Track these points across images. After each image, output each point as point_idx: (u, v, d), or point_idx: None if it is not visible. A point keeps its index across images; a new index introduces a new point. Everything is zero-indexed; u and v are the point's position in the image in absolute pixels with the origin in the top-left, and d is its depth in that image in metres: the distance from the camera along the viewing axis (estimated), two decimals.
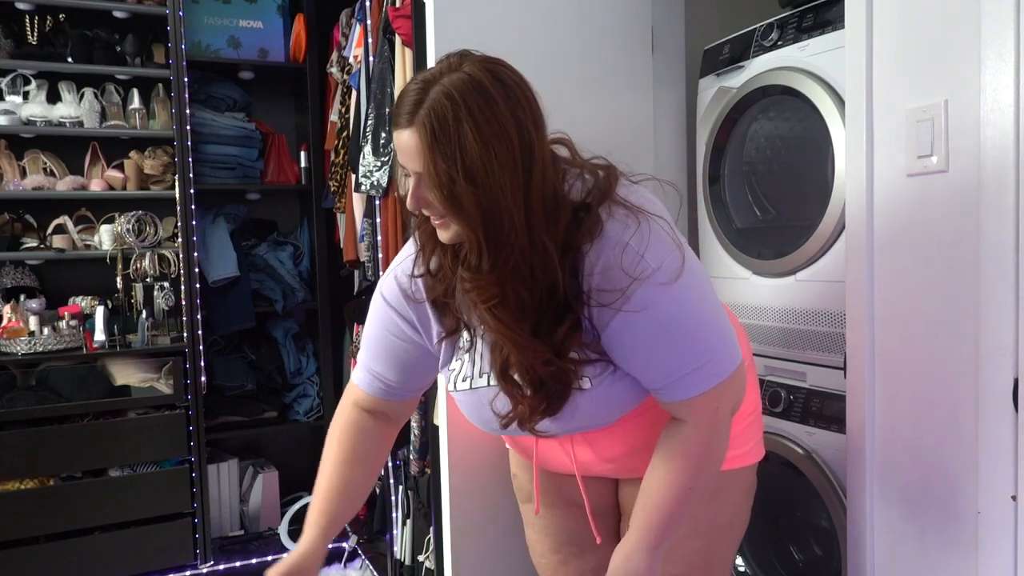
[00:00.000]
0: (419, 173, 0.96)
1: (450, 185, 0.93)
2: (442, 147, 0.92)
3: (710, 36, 2.03)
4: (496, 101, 0.93)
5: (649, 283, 0.98)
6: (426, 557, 2.20)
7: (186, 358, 2.70)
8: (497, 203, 0.93)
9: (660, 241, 1.00)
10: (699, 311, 1.04)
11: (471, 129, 0.92)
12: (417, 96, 0.94)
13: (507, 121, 0.93)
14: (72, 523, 2.54)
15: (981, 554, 1.18)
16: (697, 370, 1.03)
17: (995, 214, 1.13)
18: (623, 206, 1.00)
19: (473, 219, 0.94)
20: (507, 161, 0.93)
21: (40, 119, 2.66)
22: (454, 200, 0.94)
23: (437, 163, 0.93)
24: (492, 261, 0.96)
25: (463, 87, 0.93)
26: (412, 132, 0.94)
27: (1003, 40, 1.11)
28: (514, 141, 0.94)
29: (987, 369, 1.15)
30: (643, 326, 1.00)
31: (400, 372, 1.20)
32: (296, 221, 3.32)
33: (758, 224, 1.87)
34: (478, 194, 0.93)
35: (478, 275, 0.98)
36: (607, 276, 0.99)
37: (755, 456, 1.30)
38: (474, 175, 0.92)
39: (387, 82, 2.26)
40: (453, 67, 0.96)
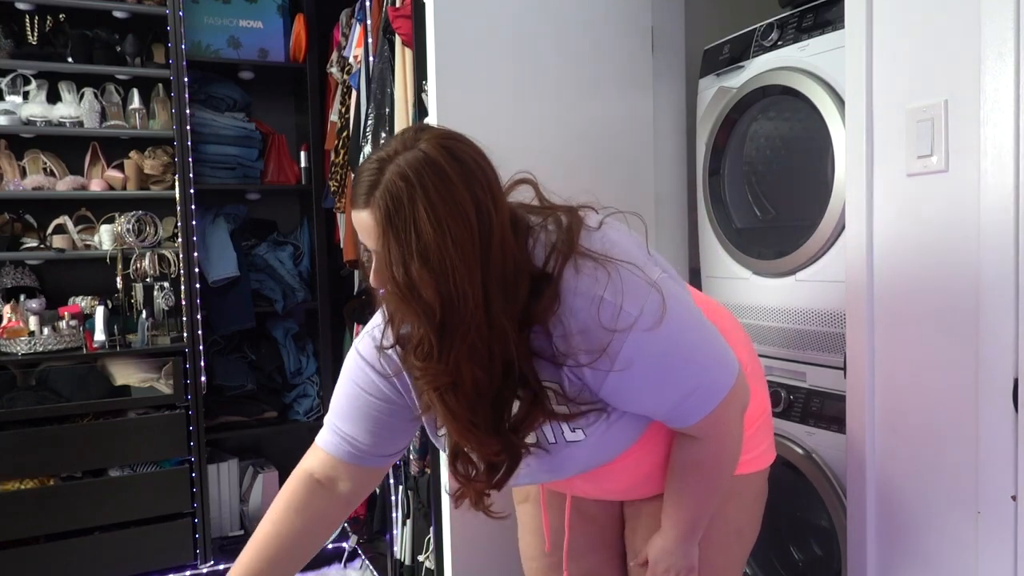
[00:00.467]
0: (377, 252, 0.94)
1: (403, 269, 0.90)
2: (396, 229, 0.90)
3: (710, 36, 2.03)
4: (452, 180, 0.91)
5: (634, 332, 0.96)
6: (426, 557, 2.20)
7: (186, 358, 2.70)
8: (452, 287, 0.90)
9: (635, 287, 0.97)
10: (689, 340, 1.02)
11: (426, 211, 0.89)
12: (373, 176, 0.92)
13: (464, 200, 0.91)
14: (72, 523, 2.54)
15: (981, 554, 1.18)
16: (697, 397, 1.03)
17: (995, 214, 1.13)
18: (590, 258, 0.97)
19: (428, 304, 0.91)
20: (464, 241, 0.90)
21: (40, 119, 2.66)
22: (408, 284, 0.91)
23: (391, 247, 0.90)
24: (443, 347, 0.93)
25: (418, 166, 0.90)
26: (368, 213, 0.92)
27: (1003, 40, 1.11)
28: (472, 220, 0.91)
29: (987, 369, 1.15)
30: (639, 373, 0.98)
31: (373, 434, 1.14)
32: (296, 221, 3.32)
33: (758, 224, 1.87)
34: (433, 277, 0.90)
35: (428, 363, 0.95)
36: (588, 336, 0.96)
37: (765, 461, 1.27)
38: (428, 258, 0.89)
39: (387, 82, 2.26)
40: (408, 144, 0.93)
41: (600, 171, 1.99)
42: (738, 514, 1.25)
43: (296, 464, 1.20)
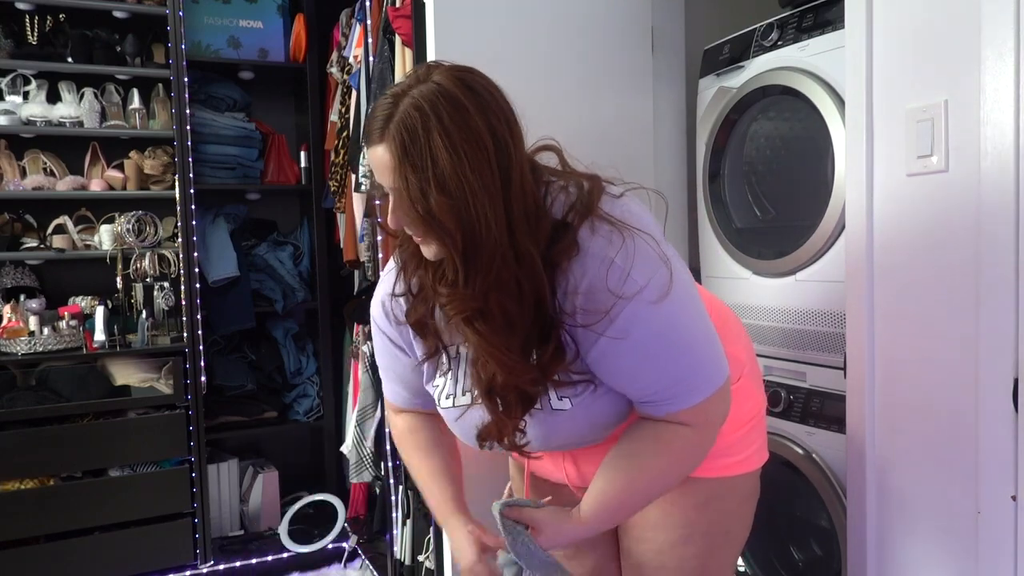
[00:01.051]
0: (394, 188, 0.95)
1: (423, 199, 0.91)
2: (412, 159, 0.91)
3: (710, 36, 2.03)
4: (467, 109, 0.92)
5: (636, 301, 0.96)
6: (426, 557, 2.20)
7: (186, 358, 2.70)
8: (473, 212, 0.91)
9: (646, 258, 0.97)
10: (687, 327, 1.02)
11: (441, 138, 0.90)
12: (387, 110, 0.93)
13: (480, 128, 0.92)
14: (72, 523, 2.54)
15: (981, 554, 1.18)
16: (683, 387, 1.02)
17: (995, 214, 1.13)
18: (607, 221, 0.98)
19: (449, 232, 0.92)
20: (482, 168, 0.91)
21: (40, 119, 2.66)
22: (428, 213, 0.92)
23: (408, 177, 0.91)
24: (469, 274, 0.94)
25: (432, 97, 0.92)
26: (384, 147, 0.93)
27: (1003, 40, 1.11)
28: (489, 148, 0.92)
29: (987, 369, 1.15)
30: (631, 345, 0.98)
31: (411, 390, 1.23)
32: (296, 221, 3.32)
33: (758, 224, 1.87)
34: (452, 204, 0.91)
35: (454, 289, 0.96)
36: (592, 296, 0.96)
37: (756, 462, 1.26)
38: (446, 185, 0.90)
39: (387, 82, 2.26)
40: (421, 78, 0.94)
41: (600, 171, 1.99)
42: (727, 516, 1.24)
43: (296, 464, 1.22)
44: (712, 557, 1.24)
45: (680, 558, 1.22)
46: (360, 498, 2.92)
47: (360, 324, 2.74)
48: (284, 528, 2.87)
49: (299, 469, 3.27)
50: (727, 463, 1.21)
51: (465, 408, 1.11)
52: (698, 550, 1.22)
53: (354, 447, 2.64)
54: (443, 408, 1.15)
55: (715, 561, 1.25)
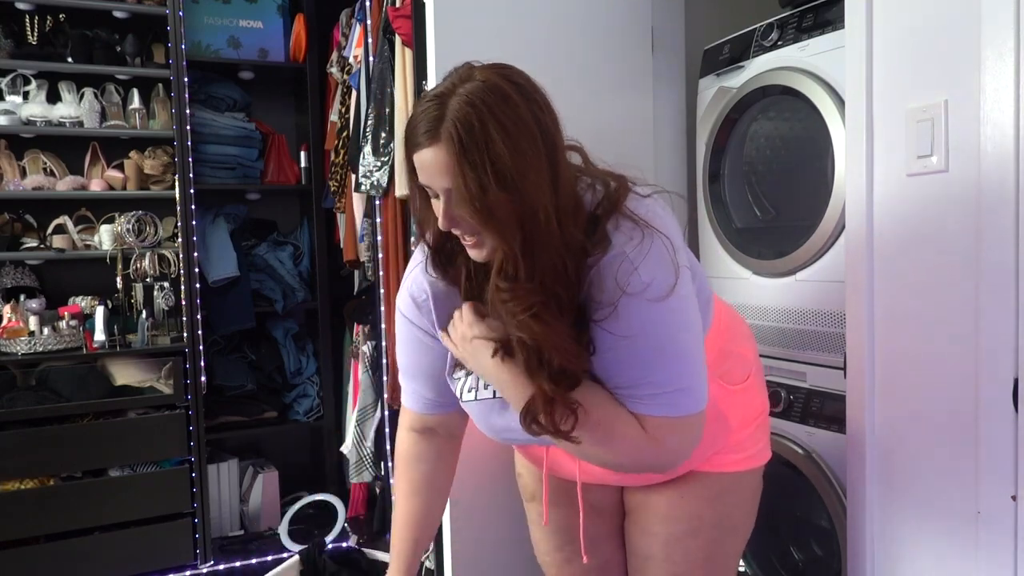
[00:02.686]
0: (448, 189, 0.94)
1: (482, 195, 0.91)
2: (471, 156, 0.90)
3: (710, 36, 2.03)
4: (516, 103, 0.93)
5: (636, 298, 0.96)
6: (426, 557, 2.19)
7: (186, 358, 2.70)
8: (532, 205, 0.92)
9: (658, 258, 0.98)
10: (677, 338, 1.01)
11: (498, 133, 0.90)
12: (435, 111, 0.93)
13: (529, 120, 0.93)
14: (72, 523, 2.54)
15: (981, 554, 1.18)
16: (661, 392, 1.01)
17: (995, 214, 1.13)
18: (631, 219, 0.99)
19: (509, 228, 0.93)
20: (535, 161, 0.92)
21: (40, 119, 2.66)
22: (487, 211, 0.92)
23: (467, 174, 0.91)
24: (529, 267, 0.95)
25: (482, 93, 0.92)
26: (437, 148, 0.92)
27: (1003, 40, 1.11)
28: (539, 140, 0.93)
29: (987, 369, 1.15)
30: (619, 337, 0.98)
31: (433, 386, 1.21)
32: (296, 221, 3.32)
33: (758, 224, 1.87)
34: (512, 199, 0.91)
35: (516, 284, 0.96)
36: (601, 287, 0.97)
37: (761, 459, 1.29)
38: (506, 180, 0.91)
39: (387, 82, 2.26)
40: (464, 78, 0.95)
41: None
42: (733, 510, 1.26)
43: (296, 464, 1.23)
44: (718, 550, 1.26)
45: (687, 550, 1.24)
46: (360, 498, 2.92)
47: (360, 324, 2.74)
48: (284, 528, 2.87)
49: (299, 469, 3.27)
50: (736, 459, 1.23)
51: (487, 400, 1.11)
52: (705, 543, 1.24)
53: (354, 447, 2.64)
54: (465, 402, 1.15)
55: (721, 554, 1.26)
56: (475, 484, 1.79)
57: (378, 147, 2.30)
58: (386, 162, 2.28)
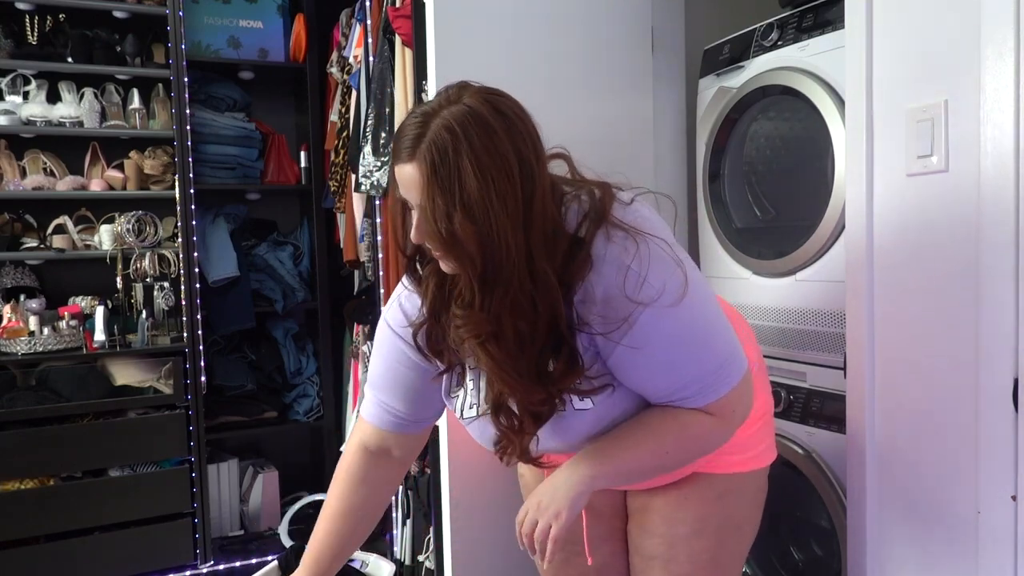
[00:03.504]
0: (421, 206, 0.95)
1: (448, 220, 0.92)
2: (441, 181, 0.91)
3: (710, 36, 2.03)
4: (497, 133, 0.93)
5: (654, 307, 0.97)
6: (426, 557, 2.20)
7: (186, 358, 2.70)
8: (495, 238, 0.92)
9: (661, 262, 0.98)
10: (705, 327, 1.04)
11: (471, 163, 0.91)
12: (417, 130, 0.94)
13: (508, 153, 0.93)
14: (72, 523, 2.54)
15: (981, 554, 1.18)
16: (707, 383, 1.03)
17: (995, 214, 1.13)
18: (621, 228, 0.99)
19: (470, 255, 0.93)
20: (507, 194, 0.92)
21: (40, 119, 2.66)
22: (452, 235, 0.92)
23: (435, 198, 0.92)
24: (485, 296, 0.95)
25: (463, 119, 0.92)
26: (413, 166, 0.94)
27: (1003, 40, 1.11)
28: (515, 173, 0.93)
29: (987, 369, 1.15)
30: (651, 351, 1.00)
31: (409, 402, 1.20)
32: (296, 221, 3.32)
33: (758, 224, 1.87)
34: (476, 230, 0.91)
35: (470, 311, 0.97)
36: (610, 304, 0.97)
37: (766, 459, 1.29)
38: (472, 210, 0.91)
39: (387, 82, 2.26)
40: (452, 99, 0.95)
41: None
42: (739, 510, 1.26)
43: (296, 464, 1.22)
44: (723, 551, 1.26)
45: (692, 551, 1.24)
46: None
47: (360, 324, 2.74)
48: (284, 528, 2.86)
49: (299, 469, 3.26)
50: (739, 459, 1.23)
51: (488, 416, 1.11)
52: (710, 544, 1.24)
53: None
54: (466, 419, 1.15)
55: (726, 555, 1.26)
56: (475, 484, 1.79)
57: (378, 147, 2.30)
58: (386, 162, 2.28)
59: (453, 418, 1.73)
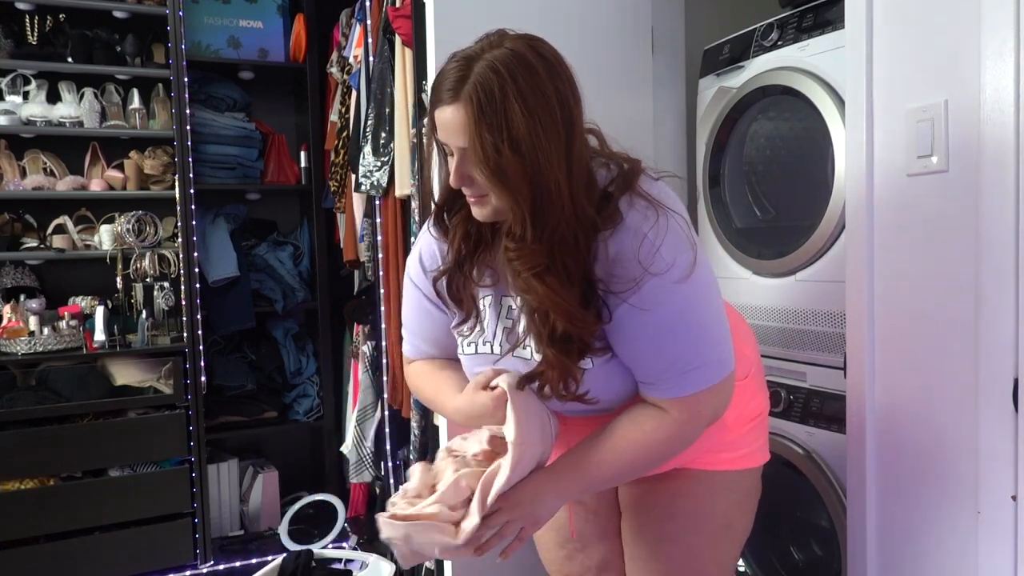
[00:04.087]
0: (463, 148, 0.98)
1: (496, 157, 0.95)
2: (488, 120, 0.94)
3: (710, 36, 2.03)
4: (539, 74, 0.96)
5: (661, 279, 0.99)
6: None
7: (186, 358, 2.70)
8: (543, 173, 0.95)
9: (676, 237, 1.01)
10: (702, 314, 1.05)
11: (517, 101, 0.94)
12: (460, 72, 0.96)
13: (550, 93, 0.96)
14: (72, 523, 2.54)
15: (981, 554, 1.18)
16: (689, 372, 1.04)
17: (995, 214, 1.13)
18: (644, 198, 1.02)
19: (519, 190, 0.96)
20: (551, 131, 0.96)
21: (40, 119, 2.66)
22: (500, 173, 0.95)
23: (483, 136, 0.95)
24: (537, 231, 0.98)
25: (508, 61, 0.95)
26: (457, 107, 0.96)
27: (1003, 40, 1.11)
28: (557, 113, 0.96)
29: (987, 369, 1.15)
30: (647, 320, 1.01)
31: (437, 345, 1.24)
32: (296, 221, 3.32)
33: (758, 224, 1.87)
34: (524, 164, 0.95)
35: (523, 244, 0.99)
36: (622, 264, 1.00)
37: (758, 459, 1.28)
38: (520, 146, 0.94)
39: (387, 82, 2.26)
40: (494, 44, 0.99)
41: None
42: (729, 508, 1.26)
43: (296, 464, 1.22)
44: (716, 549, 1.26)
45: (685, 549, 1.24)
46: (360, 498, 2.92)
47: (360, 324, 2.74)
48: (284, 528, 2.86)
49: (299, 469, 3.26)
50: (731, 457, 1.23)
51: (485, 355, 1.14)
52: (703, 542, 1.24)
53: (354, 447, 2.64)
54: (467, 355, 1.17)
55: (719, 553, 1.26)
56: None
57: (378, 147, 2.30)
58: (386, 162, 2.28)
59: None
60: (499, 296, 1.14)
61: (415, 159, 2.07)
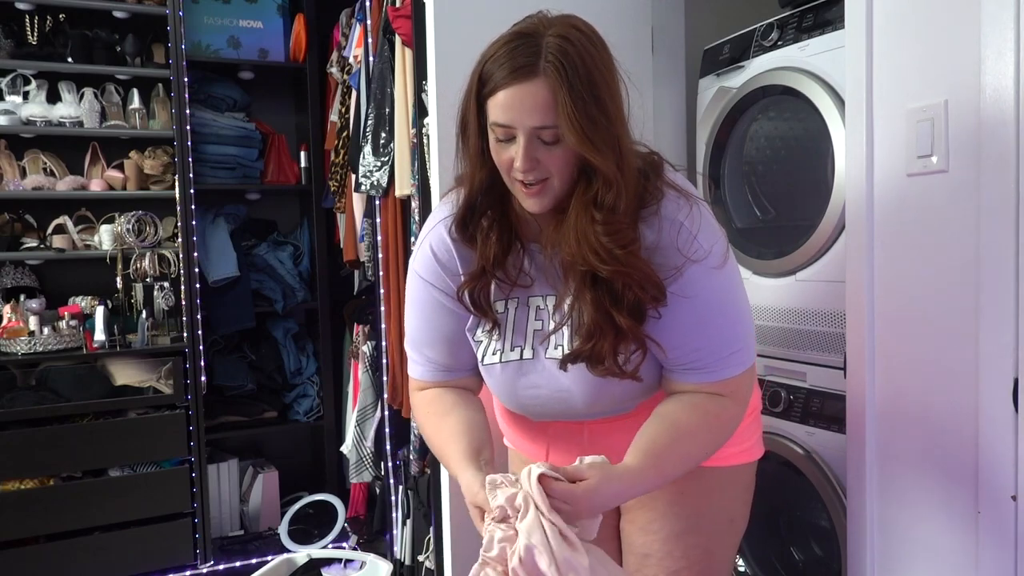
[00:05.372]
0: (535, 128, 0.97)
1: (591, 126, 0.95)
2: (577, 90, 0.94)
3: (710, 36, 2.03)
4: (599, 45, 1.00)
5: (701, 265, 1.02)
6: (426, 557, 2.20)
7: (186, 358, 2.70)
8: (623, 138, 0.98)
9: (709, 225, 1.04)
10: (738, 298, 1.10)
11: (596, 70, 0.96)
12: (530, 48, 0.96)
13: (611, 63, 1.00)
14: (72, 523, 2.54)
15: (981, 554, 1.18)
16: (733, 354, 1.08)
17: (995, 214, 1.13)
18: (673, 187, 1.05)
19: (612, 157, 0.97)
20: (620, 100, 1.00)
21: (40, 119, 2.66)
22: (592, 140, 0.95)
23: (576, 105, 0.94)
24: (628, 199, 0.99)
25: (573, 35, 0.97)
26: (534, 83, 0.96)
27: (1003, 40, 1.11)
28: (618, 86, 1.00)
29: (987, 369, 1.15)
30: (692, 305, 1.04)
31: (451, 352, 1.18)
32: (296, 221, 3.32)
33: (758, 224, 1.87)
34: (613, 131, 0.96)
35: (614, 218, 0.99)
36: (662, 252, 1.02)
37: (755, 453, 1.30)
38: (608, 112, 0.96)
39: (387, 82, 2.26)
40: (547, 22, 1.00)
41: None
42: (731, 503, 1.27)
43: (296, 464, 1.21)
44: (717, 545, 1.27)
45: (686, 546, 1.24)
46: (360, 498, 2.93)
47: (360, 324, 2.74)
48: (284, 528, 2.86)
49: (299, 469, 3.27)
50: (730, 452, 1.23)
51: (513, 363, 1.12)
52: (704, 539, 1.25)
53: (354, 447, 2.64)
54: (487, 365, 1.14)
55: (719, 549, 1.27)
56: None
57: (378, 147, 2.30)
58: (386, 162, 2.28)
59: None
60: (526, 298, 1.12)
61: (415, 159, 2.07)
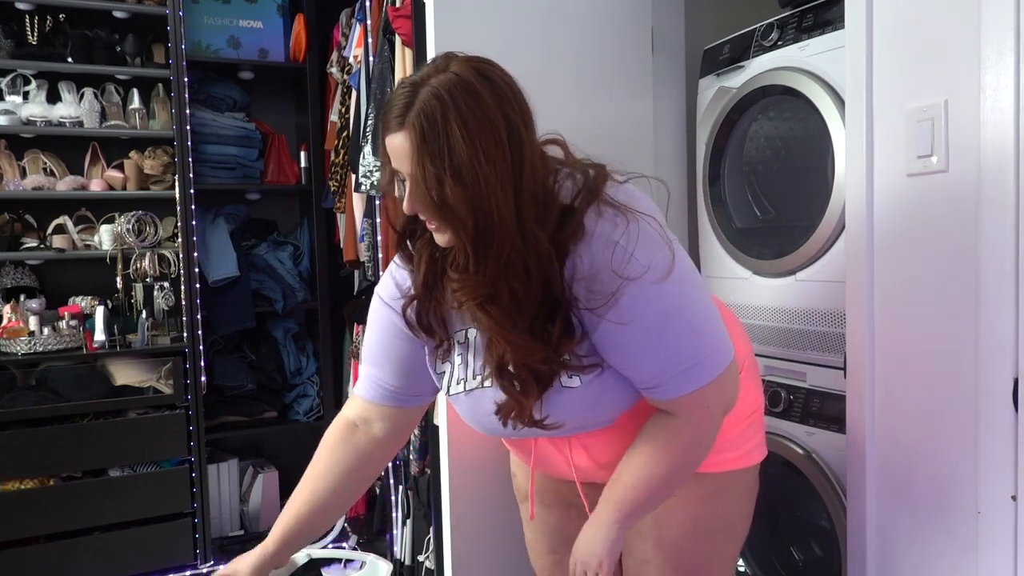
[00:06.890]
0: (412, 175, 0.97)
1: (438, 186, 0.93)
2: (431, 147, 0.93)
3: (710, 36, 2.03)
4: (484, 99, 0.94)
5: (639, 283, 0.98)
6: (426, 557, 2.20)
7: (186, 358, 2.70)
8: (486, 201, 0.93)
9: (649, 239, 0.99)
10: (689, 309, 1.04)
11: (459, 128, 0.92)
12: (406, 99, 0.95)
13: (496, 118, 0.94)
14: (72, 523, 2.54)
15: (981, 554, 1.18)
16: (688, 369, 1.03)
17: (995, 214, 1.13)
18: (612, 205, 1.01)
19: (462, 219, 0.95)
20: (496, 158, 0.94)
21: (40, 119, 2.66)
22: (443, 201, 0.94)
23: (426, 164, 0.93)
24: (479, 260, 0.97)
25: (451, 86, 0.94)
26: (403, 135, 0.95)
27: (1003, 40, 1.11)
28: (503, 137, 0.94)
29: (987, 369, 1.15)
30: (635, 328, 1.00)
31: (403, 375, 1.20)
32: (296, 221, 3.32)
33: (758, 224, 1.87)
34: (466, 193, 0.93)
35: (465, 275, 0.99)
36: (597, 278, 0.98)
37: (755, 457, 1.28)
38: (462, 174, 0.92)
39: (387, 82, 2.26)
40: (440, 68, 0.97)
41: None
42: (728, 509, 1.26)
43: (296, 464, 1.22)
44: (716, 552, 1.26)
45: (684, 553, 1.23)
46: (360, 498, 2.92)
47: (360, 324, 2.73)
48: None
49: (299, 469, 3.21)
50: (728, 458, 1.23)
51: (476, 390, 1.12)
52: (703, 545, 1.24)
53: None
54: (453, 395, 1.15)
55: (718, 556, 1.26)
56: (475, 484, 1.79)
57: (378, 147, 2.29)
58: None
59: (454, 417, 1.74)
60: None
61: None
